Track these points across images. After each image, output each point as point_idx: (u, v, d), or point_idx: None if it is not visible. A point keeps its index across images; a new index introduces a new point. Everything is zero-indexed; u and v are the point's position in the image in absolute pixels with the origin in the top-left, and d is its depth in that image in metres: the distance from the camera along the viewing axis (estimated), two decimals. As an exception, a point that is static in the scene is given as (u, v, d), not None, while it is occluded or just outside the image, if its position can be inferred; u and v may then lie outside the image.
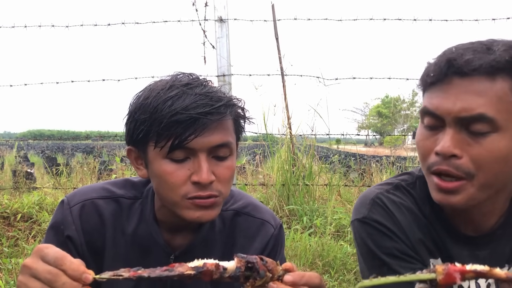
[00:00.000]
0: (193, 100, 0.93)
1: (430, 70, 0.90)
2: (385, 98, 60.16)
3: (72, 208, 1.08)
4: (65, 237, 1.06)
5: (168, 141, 0.93)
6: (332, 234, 3.27)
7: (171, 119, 0.91)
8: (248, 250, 1.12)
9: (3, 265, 2.70)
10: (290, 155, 3.79)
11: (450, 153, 0.87)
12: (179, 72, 1.03)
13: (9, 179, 5.55)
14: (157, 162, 0.96)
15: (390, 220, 1.04)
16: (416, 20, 3.58)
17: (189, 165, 0.96)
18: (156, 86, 0.98)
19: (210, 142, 0.95)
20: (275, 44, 3.92)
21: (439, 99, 0.88)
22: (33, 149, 21.04)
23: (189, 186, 0.95)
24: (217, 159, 0.98)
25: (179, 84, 0.96)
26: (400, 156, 8.29)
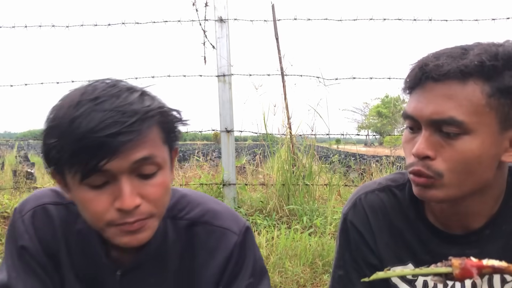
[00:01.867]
0: (101, 118, 0.80)
1: (408, 75, 0.95)
2: (385, 98, 60.14)
3: (24, 216, 1.02)
4: (19, 247, 1.01)
5: (79, 167, 0.82)
6: (332, 234, 3.27)
7: (77, 145, 0.80)
8: (210, 263, 1.03)
9: (3, 265, 2.70)
10: (290, 155, 3.79)
11: (424, 155, 0.91)
12: (96, 80, 0.90)
13: (10, 179, 5.55)
14: (75, 189, 0.86)
15: (362, 224, 1.10)
16: (416, 20, 3.59)
17: (110, 190, 0.85)
18: (64, 103, 0.85)
19: (127, 162, 0.83)
20: (275, 44, 3.92)
21: (415, 103, 0.93)
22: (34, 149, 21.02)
23: (113, 212, 0.86)
24: (143, 177, 0.87)
25: (87, 99, 0.82)
26: (400, 156, 8.28)
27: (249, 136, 4.75)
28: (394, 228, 1.08)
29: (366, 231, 1.09)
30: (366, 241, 1.09)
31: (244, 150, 7.32)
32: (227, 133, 3.57)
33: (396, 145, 10.65)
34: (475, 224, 1.03)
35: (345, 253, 1.12)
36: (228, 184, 3.62)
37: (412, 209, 1.07)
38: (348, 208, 1.14)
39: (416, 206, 1.07)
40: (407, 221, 1.07)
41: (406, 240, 1.07)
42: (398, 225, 1.08)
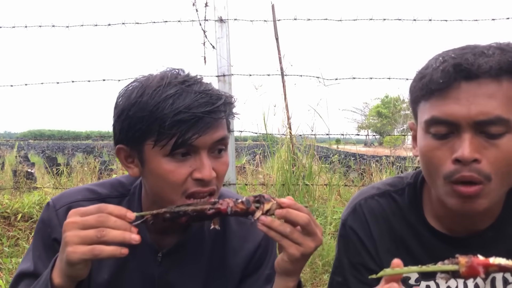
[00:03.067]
0: (194, 98, 0.92)
1: (434, 77, 0.89)
2: (385, 98, 60.13)
3: (58, 210, 1.07)
4: (52, 239, 1.06)
5: (170, 140, 0.91)
6: (332, 234, 3.27)
7: (174, 118, 0.90)
8: (240, 250, 1.13)
9: (3, 265, 2.70)
10: (290, 155, 3.79)
11: (472, 158, 0.86)
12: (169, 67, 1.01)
13: (10, 179, 5.55)
14: (156, 161, 0.95)
15: (363, 230, 1.09)
16: (416, 20, 3.58)
17: (190, 162, 0.95)
18: (149, 83, 0.95)
19: (211, 140, 0.95)
20: (275, 44, 3.92)
21: (451, 106, 0.87)
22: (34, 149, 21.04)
23: (190, 183, 0.95)
24: (214, 155, 0.98)
25: (176, 82, 0.94)
26: (400, 156, 8.29)
27: (249, 136, 4.75)
28: (395, 234, 1.07)
29: (366, 237, 1.08)
30: (366, 247, 1.08)
31: (244, 150, 7.33)
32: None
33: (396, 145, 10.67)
34: (479, 226, 1.01)
35: (344, 259, 1.11)
36: (228, 184, 3.62)
37: (413, 213, 1.06)
38: (347, 213, 1.12)
39: (416, 210, 1.06)
40: (408, 226, 1.06)
41: (408, 245, 1.06)
42: (399, 230, 1.07)
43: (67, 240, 0.83)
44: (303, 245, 0.90)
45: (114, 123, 1.00)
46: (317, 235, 0.92)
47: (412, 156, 6.07)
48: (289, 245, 0.89)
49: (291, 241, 0.89)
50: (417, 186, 1.09)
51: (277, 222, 0.89)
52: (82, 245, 0.82)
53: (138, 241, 0.84)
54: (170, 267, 1.09)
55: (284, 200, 0.91)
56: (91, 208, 0.85)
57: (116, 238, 0.82)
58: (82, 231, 0.82)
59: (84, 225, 0.83)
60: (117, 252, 0.83)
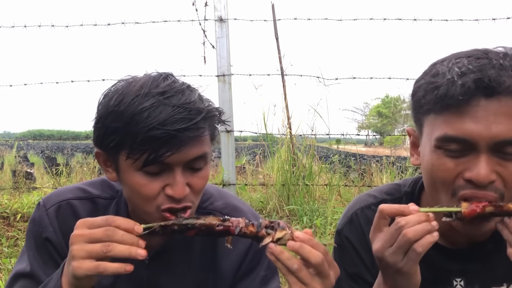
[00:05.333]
0: (170, 113, 0.86)
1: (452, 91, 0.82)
2: (385, 98, 60.13)
3: (48, 210, 1.07)
4: (43, 239, 1.06)
5: (142, 156, 0.88)
6: (332, 234, 3.26)
7: (146, 134, 0.85)
8: (231, 251, 1.08)
9: (3, 265, 2.69)
10: (290, 155, 3.79)
11: (490, 180, 0.83)
12: (154, 71, 0.96)
13: (9, 179, 5.54)
14: (129, 173, 0.92)
15: (359, 240, 1.06)
16: (416, 20, 3.58)
17: (163, 177, 0.91)
18: (129, 90, 0.90)
19: (186, 157, 0.90)
20: (275, 44, 3.92)
21: (468, 124, 0.82)
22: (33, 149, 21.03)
23: (163, 198, 0.92)
24: (192, 169, 0.94)
25: (155, 92, 0.88)
26: (400, 156, 8.28)
27: (249, 136, 4.74)
28: None
29: (362, 248, 1.05)
30: (362, 258, 1.05)
31: (244, 150, 7.32)
32: (227, 133, 3.56)
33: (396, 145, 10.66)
34: (479, 238, 0.99)
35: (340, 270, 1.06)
36: (228, 184, 3.61)
37: None
38: (343, 223, 1.09)
39: None
40: None
41: None
42: None
43: (73, 254, 0.82)
44: (309, 287, 0.82)
45: (93, 128, 0.96)
46: (329, 278, 0.84)
47: (412, 156, 6.05)
48: (293, 282, 0.82)
49: (296, 278, 0.82)
50: (414, 195, 1.06)
51: (286, 255, 0.82)
52: (88, 260, 0.81)
53: (144, 256, 0.83)
54: (159, 270, 1.08)
55: (299, 233, 0.84)
56: (99, 220, 0.84)
57: (122, 253, 0.81)
58: (89, 245, 0.81)
59: (91, 238, 0.82)
60: (122, 270, 0.82)
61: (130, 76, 0.96)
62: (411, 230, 0.79)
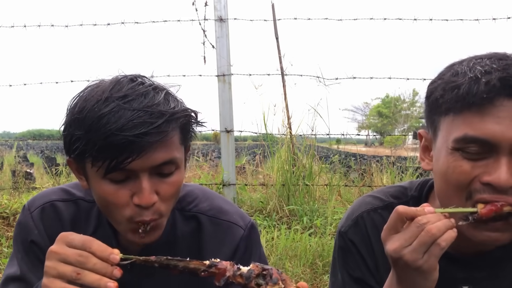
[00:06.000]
0: (129, 118, 0.82)
1: (474, 89, 0.79)
2: (385, 98, 60.12)
3: (33, 213, 1.06)
4: (29, 242, 1.05)
5: (103, 163, 0.85)
6: (332, 234, 3.26)
7: (105, 141, 0.83)
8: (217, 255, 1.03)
9: (2, 265, 2.69)
10: (290, 155, 3.78)
11: (510, 185, 0.80)
12: (121, 74, 0.92)
13: (9, 179, 5.53)
14: (96, 181, 0.90)
15: (364, 244, 1.04)
16: (417, 19, 3.58)
17: (130, 185, 0.89)
18: (91, 96, 0.88)
19: (151, 163, 0.87)
20: (275, 44, 3.92)
21: (490, 125, 0.79)
22: (33, 149, 21.02)
23: (132, 207, 0.89)
24: (160, 175, 0.90)
25: (116, 96, 0.85)
26: (401, 156, 8.27)
27: (249, 136, 4.74)
28: None
29: (367, 253, 1.03)
30: (367, 263, 1.03)
31: (244, 150, 7.30)
32: (227, 133, 3.56)
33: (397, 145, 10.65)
34: (487, 247, 0.97)
35: (343, 273, 1.06)
36: (228, 185, 3.61)
37: None
38: (348, 226, 1.07)
39: None
40: None
41: None
42: None
43: (45, 270, 0.80)
44: None
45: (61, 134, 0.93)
46: None
47: (412, 156, 6.05)
48: None
49: None
50: (421, 200, 1.04)
51: None
52: (58, 280, 0.78)
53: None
54: (141, 274, 1.04)
55: None
56: (76, 240, 0.80)
57: (92, 283, 0.77)
58: (61, 265, 0.78)
59: (64, 259, 0.79)
60: None
61: (97, 80, 0.93)
62: (434, 226, 0.79)
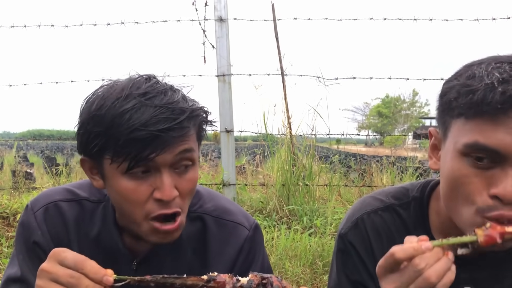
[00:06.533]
0: (152, 114, 0.85)
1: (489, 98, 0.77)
2: (385, 98, 60.18)
3: (36, 213, 1.04)
4: (31, 242, 1.03)
5: (126, 158, 0.86)
6: (332, 234, 3.26)
7: (129, 136, 0.84)
8: (222, 255, 1.07)
9: (3, 265, 2.69)
10: (290, 155, 3.78)
11: None
12: (136, 74, 0.94)
13: (9, 179, 5.53)
14: (115, 178, 0.90)
15: (364, 246, 1.03)
16: (417, 19, 3.58)
17: (151, 180, 0.89)
18: (110, 94, 0.89)
19: (172, 157, 0.89)
20: (275, 44, 3.92)
21: (502, 135, 0.77)
22: (33, 149, 21.02)
23: (152, 203, 0.90)
24: (179, 171, 0.92)
25: (136, 94, 0.87)
26: (401, 156, 8.27)
27: (249, 136, 4.74)
28: None
29: (366, 255, 1.02)
30: (366, 266, 1.02)
31: (244, 150, 7.31)
32: (227, 133, 3.56)
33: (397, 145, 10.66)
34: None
35: (342, 276, 1.06)
36: (228, 185, 3.61)
37: (419, 230, 1.00)
38: (348, 228, 1.06)
39: (423, 227, 1.01)
40: None
41: None
42: None
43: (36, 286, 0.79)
44: None
45: (76, 134, 0.94)
46: None
47: (412, 156, 6.05)
48: None
49: None
50: (424, 201, 1.03)
51: None
52: None
53: None
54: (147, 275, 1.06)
55: None
56: (69, 258, 0.78)
57: None
58: (52, 285, 0.77)
59: (55, 279, 0.77)
60: None
61: (111, 80, 0.94)
62: (433, 272, 0.77)
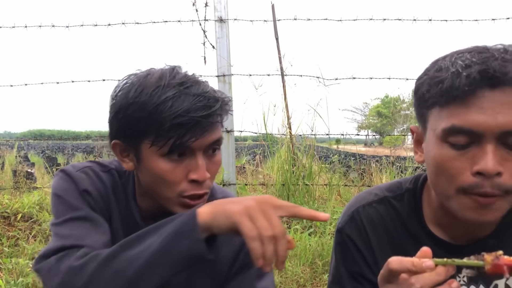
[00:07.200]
0: (192, 102, 0.93)
1: (457, 83, 0.83)
2: (385, 98, 60.18)
3: (79, 171, 1.06)
4: (81, 192, 1.02)
5: (167, 142, 0.93)
6: (332, 234, 3.27)
7: (173, 121, 0.92)
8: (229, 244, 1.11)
9: (3, 265, 2.70)
10: (290, 155, 3.79)
11: (496, 171, 0.82)
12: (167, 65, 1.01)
13: (10, 179, 5.55)
14: (152, 160, 0.96)
15: (361, 238, 1.06)
16: (416, 20, 3.59)
17: (186, 163, 0.97)
18: (147, 82, 0.96)
19: (207, 142, 0.97)
20: (275, 44, 3.93)
21: (474, 115, 0.82)
22: (34, 149, 21.03)
23: (185, 184, 0.97)
24: (208, 155, 1.00)
25: (174, 83, 0.95)
26: (400, 156, 8.29)
27: (249, 136, 4.75)
28: (394, 242, 1.04)
29: (364, 247, 1.05)
30: (364, 256, 1.05)
31: (244, 150, 7.32)
32: (227, 133, 3.57)
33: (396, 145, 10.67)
34: (481, 233, 0.99)
35: (341, 268, 1.08)
36: (228, 184, 3.62)
37: (413, 220, 1.04)
38: (344, 221, 1.09)
39: (417, 217, 1.04)
40: (408, 234, 1.03)
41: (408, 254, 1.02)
42: (399, 239, 1.04)
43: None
44: None
45: (111, 120, 1.00)
46: None
47: (412, 156, 6.06)
48: None
49: None
50: (416, 192, 1.06)
51: None
52: None
53: None
54: None
55: None
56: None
57: None
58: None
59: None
60: None
61: (141, 70, 1.01)
62: None
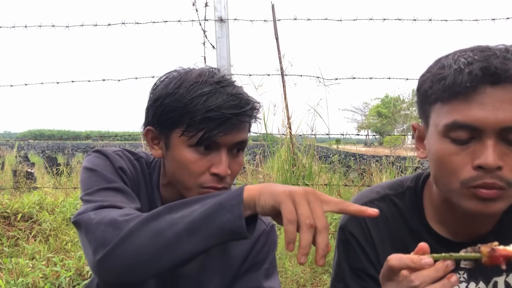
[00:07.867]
0: (225, 100, 0.99)
1: (459, 79, 0.86)
2: (384, 98, 60.18)
3: (114, 152, 1.09)
4: (116, 169, 1.05)
5: (197, 133, 0.98)
6: (332, 233, 3.27)
7: (205, 114, 0.97)
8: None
9: (3, 265, 2.70)
10: (290, 155, 3.79)
11: (496, 166, 0.85)
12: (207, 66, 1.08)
13: (10, 179, 5.55)
14: (180, 149, 1.01)
15: (363, 235, 1.07)
16: (416, 20, 3.59)
17: (210, 157, 1.01)
18: (188, 77, 1.02)
19: (233, 140, 1.01)
20: (275, 44, 3.92)
21: (476, 111, 0.85)
22: (34, 149, 21.04)
23: (207, 176, 1.01)
24: (232, 154, 1.04)
25: (212, 81, 1.01)
26: (400, 156, 8.29)
27: (249, 136, 4.75)
28: (396, 239, 1.05)
29: (366, 243, 1.06)
30: (367, 253, 1.06)
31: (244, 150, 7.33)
32: (227, 133, 3.57)
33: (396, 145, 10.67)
34: (482, 230, 1.01)
35: (344, 265, 1.09)
36: (228, 184, 3.62)
37: (414, 218, 1.05)
38: (346, 219, 1.10)
39: (418, 214, 1.05)
40: (410, 231, 1.05)
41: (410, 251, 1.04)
42: (401, 236, 1.05)
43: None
44: None
45: (148, 107, 1.06)
46: None
47: (412, 156, 6.06)
48: None
49: None
50: (418, 190, 1.07)
51: None
52: None
53: None
54: None
55: None
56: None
57: None
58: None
59: None
60: None
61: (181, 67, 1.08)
62: None
